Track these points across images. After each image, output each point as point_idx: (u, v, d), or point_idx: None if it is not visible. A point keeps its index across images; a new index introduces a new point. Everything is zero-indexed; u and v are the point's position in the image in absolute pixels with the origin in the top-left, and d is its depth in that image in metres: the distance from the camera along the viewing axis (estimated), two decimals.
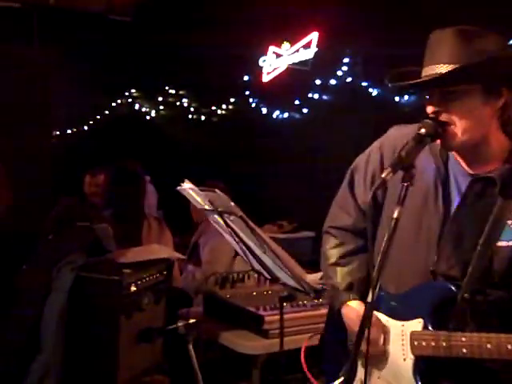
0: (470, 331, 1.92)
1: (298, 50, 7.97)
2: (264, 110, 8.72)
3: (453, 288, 1.99)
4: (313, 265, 3.15)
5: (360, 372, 2.20)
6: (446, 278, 2.04)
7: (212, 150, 9.14)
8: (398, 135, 2.19)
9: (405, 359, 2.06)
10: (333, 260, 2.36)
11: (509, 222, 1.97)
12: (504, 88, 1.95)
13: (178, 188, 2.72)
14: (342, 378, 2.19)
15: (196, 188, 2.63)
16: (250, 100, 9.00)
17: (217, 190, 2.53)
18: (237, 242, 2.70)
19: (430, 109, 1.97)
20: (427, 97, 1.99)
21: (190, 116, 10.31)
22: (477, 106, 1.94)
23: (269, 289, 3.96)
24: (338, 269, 2.33)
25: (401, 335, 2.08)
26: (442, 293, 2.02)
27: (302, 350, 2.42)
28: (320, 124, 7.51)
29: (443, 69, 1.90)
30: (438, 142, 1.97)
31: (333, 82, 7.47)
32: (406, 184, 1.84)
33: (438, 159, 2.10)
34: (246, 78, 8.96)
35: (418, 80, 1.96)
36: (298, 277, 2.58)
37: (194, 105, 10.19)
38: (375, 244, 2.18)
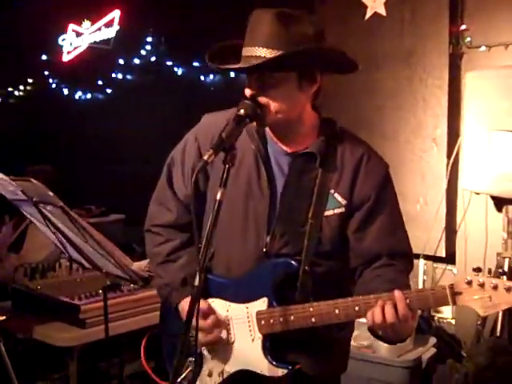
0: (312, 301, 1.99)
1: (99, 29, 7.78)
2: (65, 91, 8.38)
3: (294, 263, 2.04)
4: (125, 248, 3.09)
5: (208, 362, 2.18)
6: (279, 257, 2.08)
7: (11, 133, 8.64)
8: (212, 122, 2.20)
9: (253, 340, 2.08)
10: (161, 258, 2.27)
11: (331, 191, 2.07)
12: (318, 73, 2.02)
13: None
14: (189, 368, 2.11)
15: (6, 178, 2.45)
16: (50, 80, 8.61)
17: (32, 180, 2.37)
18: (53, 232, 2.57)
19: (247, 91, 1.99)
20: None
21: None
22: (292, 92, 1.99)
23: (82, 277, 3.83)
24: (169, 266, 2.24)
25: (246, 317, 2.10)
26: (283, 269, 2.06)
27: (142, 346, 2.31)
28: (125, 104, 7.37)
29: (262, 52, 1.90)
30: (255, 124, 1.99)
31: (137, 61, 7.36)
32: (228, 166, 1.85)
33: (257, 142, 2.12)
34: (44, 57, 8.55)
35: (236, 66, 1.97)
36: (124, 266, 2.50)
37: None
38: (202, 234, 2.11)
